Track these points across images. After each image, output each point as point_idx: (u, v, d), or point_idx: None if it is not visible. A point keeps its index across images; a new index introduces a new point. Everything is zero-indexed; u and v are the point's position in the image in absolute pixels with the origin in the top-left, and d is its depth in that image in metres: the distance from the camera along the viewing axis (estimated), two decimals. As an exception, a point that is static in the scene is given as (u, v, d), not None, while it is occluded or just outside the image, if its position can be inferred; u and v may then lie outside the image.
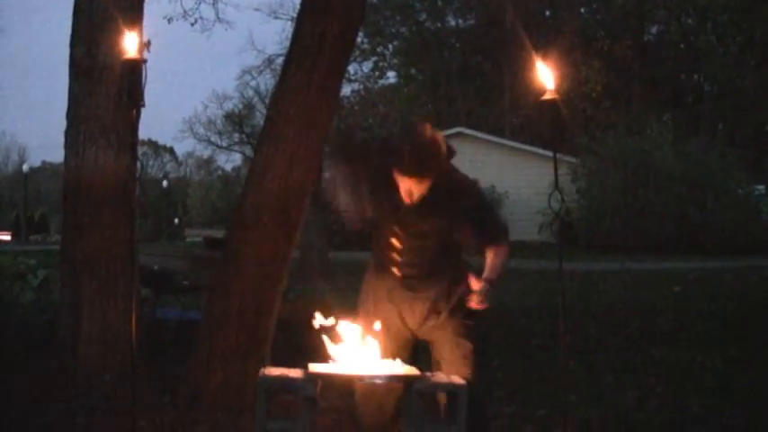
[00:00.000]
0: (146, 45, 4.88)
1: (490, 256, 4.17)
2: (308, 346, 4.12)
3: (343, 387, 4.52)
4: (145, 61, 3.78)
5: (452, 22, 48.37)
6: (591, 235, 25.17)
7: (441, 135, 4.04)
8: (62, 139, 6.59)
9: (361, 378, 3.94)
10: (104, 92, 6.40)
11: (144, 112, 3.86)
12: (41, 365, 6.65)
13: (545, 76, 3.99)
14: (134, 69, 3.76)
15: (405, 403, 3.84)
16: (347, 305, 4.50)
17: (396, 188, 4.06)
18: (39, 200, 66.07)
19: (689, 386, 6.83)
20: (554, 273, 4.17)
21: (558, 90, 3.97)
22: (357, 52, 42.63)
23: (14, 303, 9.97)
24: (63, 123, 6.61)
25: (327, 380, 3.82)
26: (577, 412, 5.67)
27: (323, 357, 3.88)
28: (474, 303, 4.02)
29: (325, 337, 3.90)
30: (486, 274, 4.10)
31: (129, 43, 3.79)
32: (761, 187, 27.63)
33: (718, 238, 24.28)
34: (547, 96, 3.95)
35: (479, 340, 4.27)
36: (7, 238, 45.63)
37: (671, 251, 23.12)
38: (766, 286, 14.07)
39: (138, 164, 4.71)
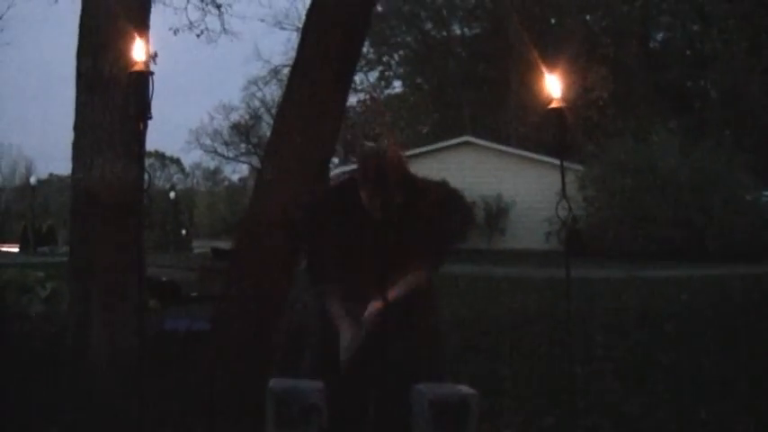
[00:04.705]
0: (152, 57, 4.88)
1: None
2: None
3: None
4: (152, 73, 3.79)
5: (458, 31, 48.51)
6: (598, 242, 25.08)
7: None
8: (69, 152, 6.60)
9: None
10: (111, 103, 6.41)
11: (151, 122, 3.86)
12: (49, 376, 6.66)
13: (551, 84, 4.00)
14: (141, 82, 3.76)
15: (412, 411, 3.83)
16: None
17: (363, 213, 3.97)
18: (46, 212, 66.22)
19: (696, 393, 6.81)
20: (561, 281, 4.17)
21: (563, 98, 3.98)
22: (363, 62, 42.88)
23: (23, 315, 9.99)
24: (70, 135, 6.62)
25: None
26: (586, 420, 5.67)
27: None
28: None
29: None
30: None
31: (136, 55, 3.80)
32: (768, 193, 27.54)
33: (725, 244, 24.23)
34: (553, 105, 3.97)
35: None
36: (15, 250, 45.62)
37: (678, 258, 23.04)
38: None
39: (146, 176, 4.70)
